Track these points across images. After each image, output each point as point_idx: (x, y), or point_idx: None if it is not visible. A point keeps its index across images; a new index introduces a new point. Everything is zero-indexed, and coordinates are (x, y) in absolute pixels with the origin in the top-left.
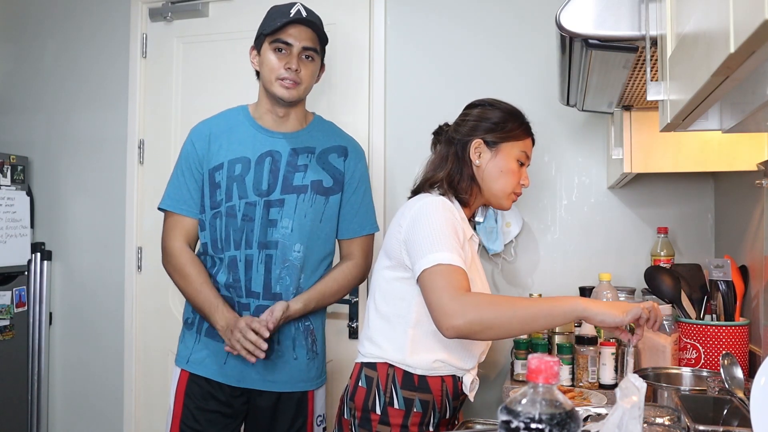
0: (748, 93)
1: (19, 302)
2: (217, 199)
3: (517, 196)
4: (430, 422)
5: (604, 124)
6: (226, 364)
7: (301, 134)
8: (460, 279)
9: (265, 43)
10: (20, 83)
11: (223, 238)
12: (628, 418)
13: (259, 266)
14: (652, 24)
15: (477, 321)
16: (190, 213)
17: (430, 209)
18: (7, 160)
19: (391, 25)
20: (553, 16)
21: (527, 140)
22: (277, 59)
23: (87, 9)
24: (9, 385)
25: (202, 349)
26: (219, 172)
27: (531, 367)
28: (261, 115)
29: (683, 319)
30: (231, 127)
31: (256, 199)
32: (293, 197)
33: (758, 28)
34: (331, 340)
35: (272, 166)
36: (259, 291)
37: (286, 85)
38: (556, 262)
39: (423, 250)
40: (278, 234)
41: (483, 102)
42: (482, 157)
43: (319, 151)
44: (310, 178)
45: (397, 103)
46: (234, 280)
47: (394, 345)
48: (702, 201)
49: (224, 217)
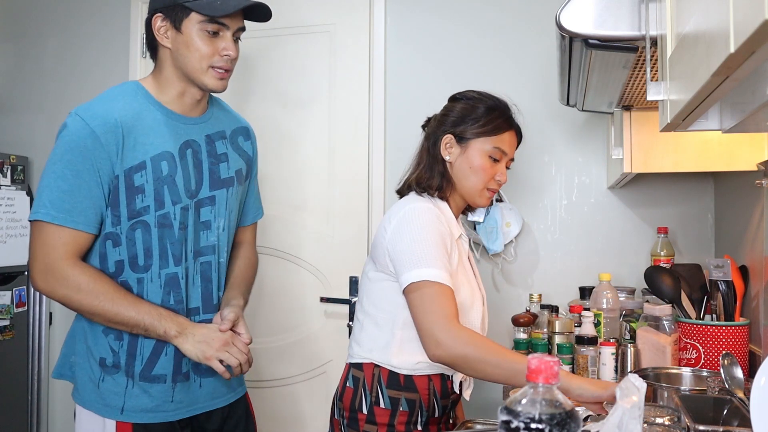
0: (748, 93)
1: (19, 302)
2: (137, 206)
3: (492, 192)
4: (417, 421)
5: (604, 124)
6: (173, 401)
7: (209, 117)
8: (450, 305)
9: (189, 19)
10: (20, 83)
11: (152, 253)
12: (628, 418)
13: (196, 278)
14: (652, 24)
15: (462, 358)
16: (89, 227)
17: (414, 218)
18: (7, 160)
19: (391, 25)
20: (553, 16)
21: (503, 135)
22: (209, 43)
23: (87, 9)
24: (9, 385)
25: (140, 394)
26: (141, 173)
27: (531, 367)
28: (170, 100)
29: (683, 319)
30: (137, 113)
31: (188, 202)
32: (223, 192)
33: (758, 28)
34: (331, 340)
35: (194, 159)
36: (198, 305)
37: (221, 75)
38: (556, 262)
39: (409, 263)
40: (213, 237)
41: (460, 95)
42: (452, 152)
43: (229, 134)
44: (234, 168)
45: (397, 103)
46: (176, 301)
47: (379, 346)
48: (702, 201)
49: (154, 228)
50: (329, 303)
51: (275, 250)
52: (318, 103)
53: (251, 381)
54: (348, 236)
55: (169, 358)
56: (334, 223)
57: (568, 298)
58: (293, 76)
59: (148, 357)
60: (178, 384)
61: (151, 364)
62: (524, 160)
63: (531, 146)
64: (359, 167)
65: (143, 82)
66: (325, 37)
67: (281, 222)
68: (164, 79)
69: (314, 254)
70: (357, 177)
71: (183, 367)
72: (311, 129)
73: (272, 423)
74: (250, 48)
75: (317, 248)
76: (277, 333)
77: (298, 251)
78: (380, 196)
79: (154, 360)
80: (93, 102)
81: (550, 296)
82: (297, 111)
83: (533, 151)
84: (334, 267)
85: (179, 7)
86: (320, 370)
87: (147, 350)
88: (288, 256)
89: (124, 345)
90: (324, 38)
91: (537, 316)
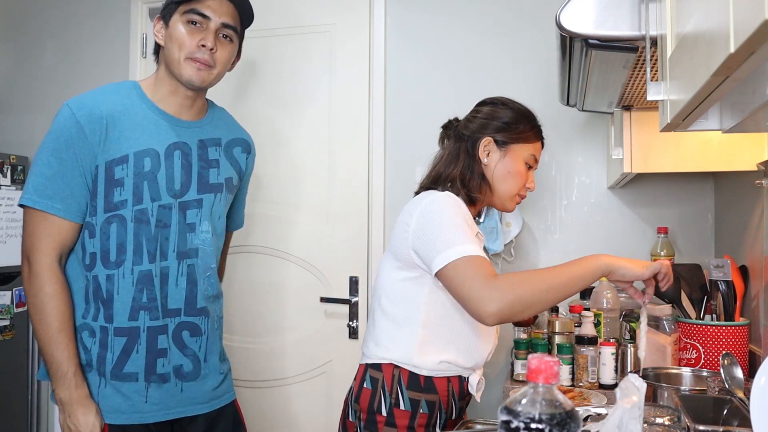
0: (748, 93)
1: (19, 302)
2: (114, 200)
3: (521, 198)
4: (436, 423)
5: (604, 124)
6: (147, 402)
7: (206, 123)
8: (487, 266)
9: (175, 13)
10: (20, 83)
11: (126, 249)
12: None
13: (180, 279)
14: (652, 24)
15: (517, 301)
16: (70, 215)
17: (439, 205)
18: (7, 160)
19: (391, 25)
20: (553, 16)
21: (537, 143)
22: (188, 33)
23: (87, 9)
24: (9, 385)
25: (113, 394)
26: (122, 166)
27: (531, 367)
28: (162, 98)
29: (683, 319)
30: (126, 108)
31: (171, 201)
32: (210, 197)
33: (758, 28)
34: (331, 340)
35: (183, 160)
36: (180, 307)
37: (198, 67)
38: (556, 262)
39: (442, 245)
40: (198, 240)
41: (495, 100)
42: (491, 156)
43: (225, 142)
44: (224, 176)
45: (397, 103)
46: (149, 299)
47: (400, 346)
48: (702, 201)
49: (130, 223)
50: (329, 303)
51: (275, 250)
52: (318, 103)
53: (251, 381)
54: (348, 236)
55: (140, 356)
56: (334, 223)
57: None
58: (293, 76)
59: (118, 355)
60: (153, 384)
61: (121, 362)
62: None
63: None
64: (359, 167)
65: (142, 82)
66: (324, 37)
67: (281, 222)
68: (158, 78)
69: (314, 254)
70: (357, 177)
71: (158, 367)
72: (311, 129)
73: (272, 423)
74: (250, 48)
75: (317, 248)
76: (277, 333)
77: (298, 251)
78: (380, 196)
79: (124, 358)
80: (86, 94)
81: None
82: (297, 111)
83: None
84: (334, 267)
85: (170, 5)
86: (320, 370)
87: (118, 348)
88: (288, 256)
89: (96, 342)
90: (324, 38)
91: (537, 316)
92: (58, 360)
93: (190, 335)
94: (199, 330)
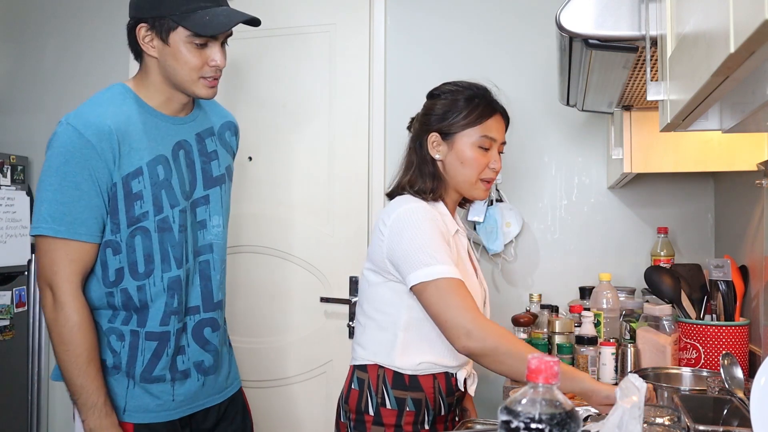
0: (748, 93)
1: (19, 302)
2: (136, 213)
3: (487, 183)
4: (424, 420)
5: (604, 124)
6: (174, 400)
7: (197, 115)
8: (469, 296)
9: (176, 33)
10: (20, 83)
11: (153, 258)
12: (628, 418)
13: (195, 278)
14: (652, 24)
15: (493, 350)
16: (93, 237)
17: (409, 219)
18: (7, 160)
19: (391, 25)
20: (553, 16)
21: (488, 122)
22: (199, 56)
23: (87, 9)
24: (9, 385)
25: (142, 395)
26: (138, 179)
27: (531, 367)
28: (160, 104)
29: (683, 319)
30: (128, 118)
31: (185, 204)
32: (216, 190)
33: (758, 28)
34: (331, 340)
35: (187, 159)
36: (198, 304)
37: (210, 83)
38: (556, 262)
39: (416, 263)
40: (210, 235)
41: (437, 90)
42: (441, 150)
43: (217, 130)
44: (225, 165)
45: (397, 102)
46: (178, 303)
47: (382, 347)
48: (702, 201)
49: (154, 233)
50: (329, 303)
51: (275, 250)
52: (318, 103)
53: (251, 381)
54: (348, 236)
55: (168, 359)
56: (334, 222)
57: (568, 298)
58: (293, 76)
59: (149, 359)
60: (177, 382)
61: (152, 365)
62: (524, 160)
63: (531, 146)
64: (359, 167)
65: (129, 83)
66: (324, 37)
67: (281, 222)
68: (151, 84)
69: (314, 254)
70: (357, 177)
71: (179, 365)
72: (311, 129)
73: (272, 423)
74: (250, 48)
75: (317, 248)
76: (277, 333)
77: (298, 251)
78: (380, 195)
79: (155, 361)
80: (83, 109)
81: (550, 296)
82: (297, 111)
83: (533, 151)
84: (334, 267)
85: (166, 20)
86: (320, 370)
87: (148, 352)
88: (288, 256)
89: (126, 346)
90: (323, 39)
91: (537, 316)
92: (88, 391)
93: (212, 331)
94: (217, 324)
